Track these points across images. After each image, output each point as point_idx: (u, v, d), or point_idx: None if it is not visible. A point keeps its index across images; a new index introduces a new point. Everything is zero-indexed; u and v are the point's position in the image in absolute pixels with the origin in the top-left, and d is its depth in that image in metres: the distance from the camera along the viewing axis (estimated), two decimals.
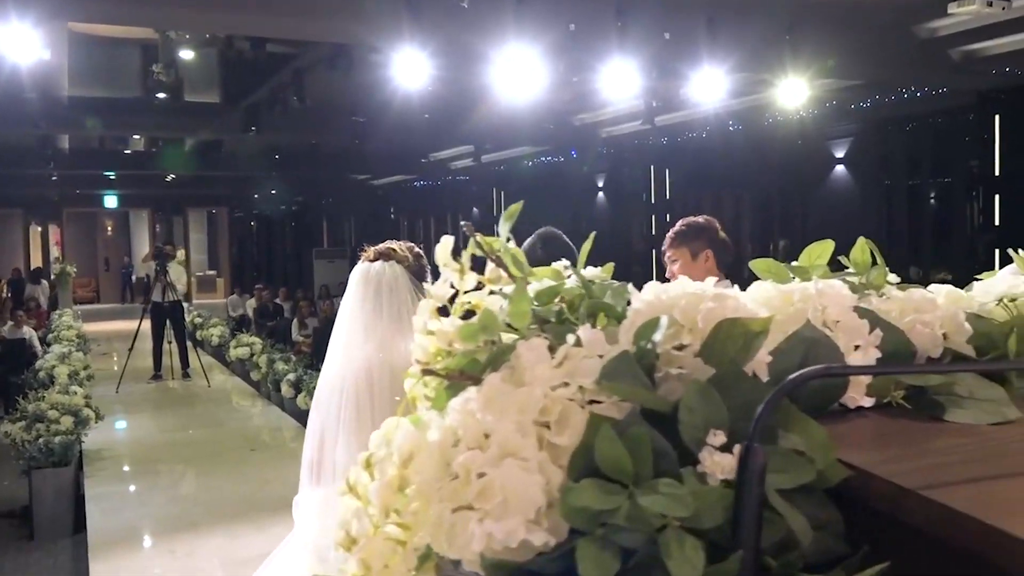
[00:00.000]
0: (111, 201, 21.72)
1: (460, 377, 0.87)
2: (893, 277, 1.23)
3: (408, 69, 6.14)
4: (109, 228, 25.81)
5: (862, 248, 1.20)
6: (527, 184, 17.25)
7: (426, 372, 0.85)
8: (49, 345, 12.38)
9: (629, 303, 0.96)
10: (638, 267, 14.61)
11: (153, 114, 11.50)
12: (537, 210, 16.24)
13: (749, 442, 0.73)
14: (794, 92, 7.39)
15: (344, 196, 21.98)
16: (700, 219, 3.18)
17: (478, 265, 0.95)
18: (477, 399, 0.83)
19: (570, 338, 0.89)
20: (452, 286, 1.00)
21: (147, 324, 11.35)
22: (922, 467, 0.87)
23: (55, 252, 22.16)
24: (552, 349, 0.89)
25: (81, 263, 24.06)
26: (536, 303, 1.02)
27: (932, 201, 10.66)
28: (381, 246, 2.62)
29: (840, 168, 11.28)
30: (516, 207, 0.95)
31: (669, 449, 0.77)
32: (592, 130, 12.73)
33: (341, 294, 2.73)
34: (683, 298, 0.92)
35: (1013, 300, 1.20)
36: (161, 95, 10.03)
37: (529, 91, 7.02)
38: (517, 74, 6.35)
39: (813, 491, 0.87)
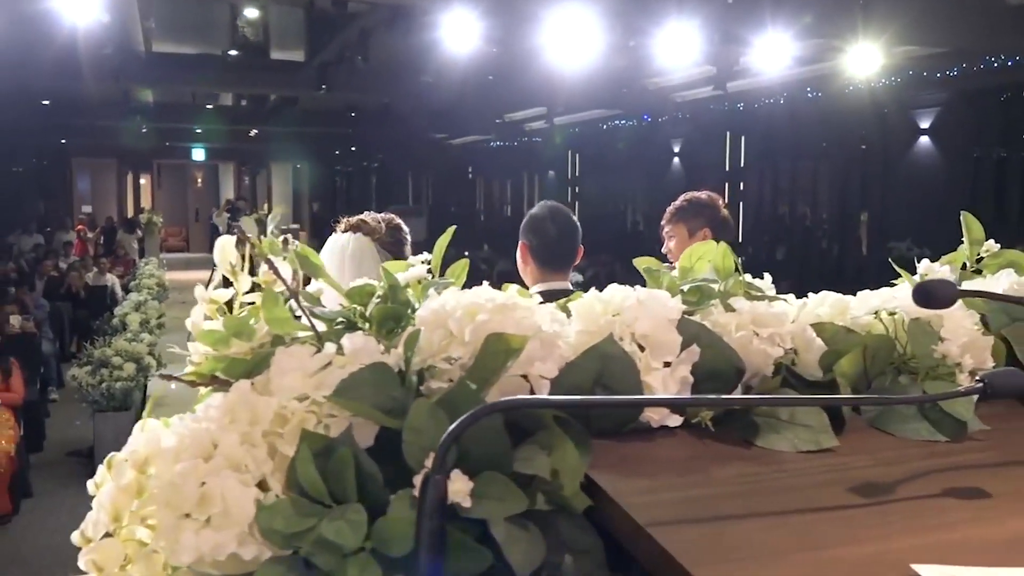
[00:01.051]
0: (199, 154, 22.40)
1: (213, 382, 0.86)
2: (767, 284, 1.16)
3: (459, 30, 6.11)
4: (199, 180, 26.65)
5: (723, 254, 1.13)
6: (602, 148, 17.05)
7: (164, 376, 0.84)
8: (130, 292, 12.92)
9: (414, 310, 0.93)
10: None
11: (235, 70, 11.78)
12: (613, 175, 16.10)
13: (432, 473, 0.70)
14: (867, 59, 7.06)
15: (423, 156, 22.13)
16: (703, 195, 3.04)
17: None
18: (219, 406, 0.82)
19: (329, 347, 0.87)
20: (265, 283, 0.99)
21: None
22: (679, 500, 0.82)
23: (146, 202, 23.03)
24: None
25: (173, 213, 24.99)
26: (349, 303, 1.00)
27: (1021, 174, 10.08)
28: (354, 218, 2.61)
29: (924, 139, 10.76)
30: (279, 210, 0.92)
31: (376, 472, 0.75)
32: (665, 95, 12.45)
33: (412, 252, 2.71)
34: (459, 308, 0.88)
35: (892, 314, 1.11)
36: (243, 52, 10.24)
37: (592, 54, 6.89)
38: (575, 36, 6.26)
39: (574, 516, 0.83)
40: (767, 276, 1.18)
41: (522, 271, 2.77)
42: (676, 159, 15.49)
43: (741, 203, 14.25)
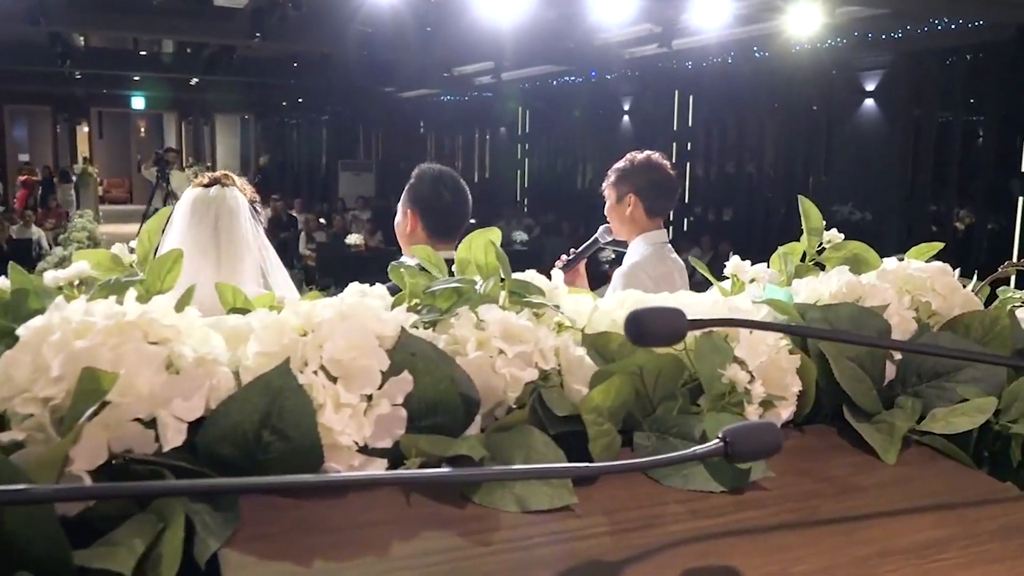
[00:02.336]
0: (138, 103, 21.56)
1: None
2: (550, 282, 0.96)
3: None
4: (142, 130, 25.80)
5: (485, 248, 0.92)
6: (552, 105, 16.74)
7: None
8: (61, 246, 12.44)
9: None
10: None
11: (165, 16, 11.23)
12: (563, 132, 15.89)
13: None
14: (808, 19, 6.87)
15: (373, 109, 21.61)
16: (639, 156, 2.80)
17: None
18: None
19: None
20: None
21: None
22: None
23: (85, 151, 22.20)
24: None
25: (114, 164, 24.17)
26: None
27: (962, 138, 10.04)
28: (216, 172, 2.35)
29: (869, 101, 10.66)
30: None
31: None
32: (613, 51, 12.16)
33: (357, 207, 2.45)
34: (65, 328, 0.67)
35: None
36: None
37: (530, 5, 6.62)
38: None
39: None
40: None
41: (406, 240, 2.55)
42: (626, 117, 15.25)
43: (689, 163, 14.10)
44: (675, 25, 8.84)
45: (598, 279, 3.10)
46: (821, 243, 1.13)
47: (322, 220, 14.34)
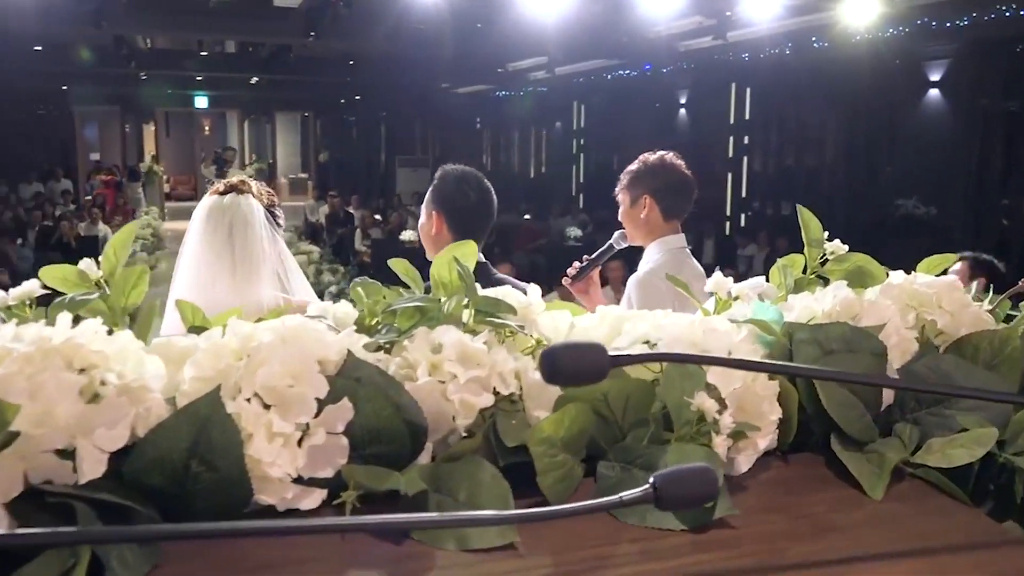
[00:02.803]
0: (201, 102, 22.02)
1: None
2: (526, 296, 0.92)
3: None
4: (206, 128, 26.39)
5: (448, 265, 0.88)
6: (607, 99, 16.57)
7: None
8: None
9: None
10: (715, 190, 13.97)
11: (224, 16, 11.43)
12: (618, 126, 15.70)
13: None
14: (864, 8, 6.66)
15: (430, 105, 21.72)
16: (652, 157, 2.73)
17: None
18: None
19: None
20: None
21: None
22: None
23: (151, 151, 22.77)
24: None
25: (180, 162, 24.76)
26: None
27: None
28: (233, 179, 2.35)
29: (934, 92, 10.30)
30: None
31: None
32: (667, 44, 11.98)
33: (413, 203, 2.46)
34: None
35: (651, 344, 0.86)
36: None
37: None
38: None
39: None
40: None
41: (431, 242, 2.52)
42: (682, 110, 15.03)
43: (746, 157, 13.84)
44: (728, 16, 8.65)
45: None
46: (824, 254, 1.06)
47: (377, 216, 14.45)
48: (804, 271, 1.07)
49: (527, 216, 15.56)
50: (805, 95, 11.99)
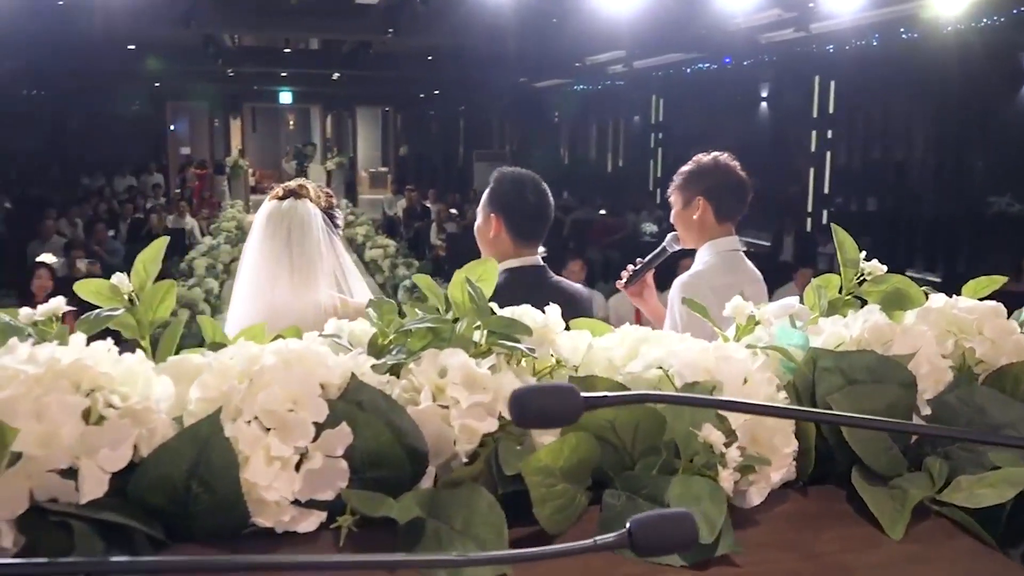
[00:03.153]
0: (286, 97, 22.56)
1: None
2: (543, 315, 0.91)
3: None
4: (291, 123, 27.04)
5: (461, 285, 0.88)
6: (686, 92, 16.33)
7: None
8: (210, 235, 13.20)
9: None
10: (796, 187, 13.63)
11: (305, 14, 11.69)
12: (697, 120, 15.41)
13: None
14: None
15: (507, 100, 21.78)
16: (706, 158, 2.66)
17: None
18: None
19: None
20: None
21: None
22: None
23: (237, 145, 23.45)
24: None
25: (266, 156, 25.46)
26: None
27: None
28: (292, 183, 2.40)
29: None
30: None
31: None
32: (749, 36, 11.72)
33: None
34: None
35: (664, 370, 0.84)
36: None
37: None
38: None
39: None
40: None
41: (489, 245, 2.51)
42: (763, 104, 14.71)
43: (829, 151, 13.45)
44: (811, 8, 8.42)
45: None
46: (861, 274, 1.02)
47: (453, 210, 14.56)
48: (840, 291, 1.03)
49: (603, 211, 15.44)
50: (892, 88, 11.59)
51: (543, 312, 0.92)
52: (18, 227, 11.70)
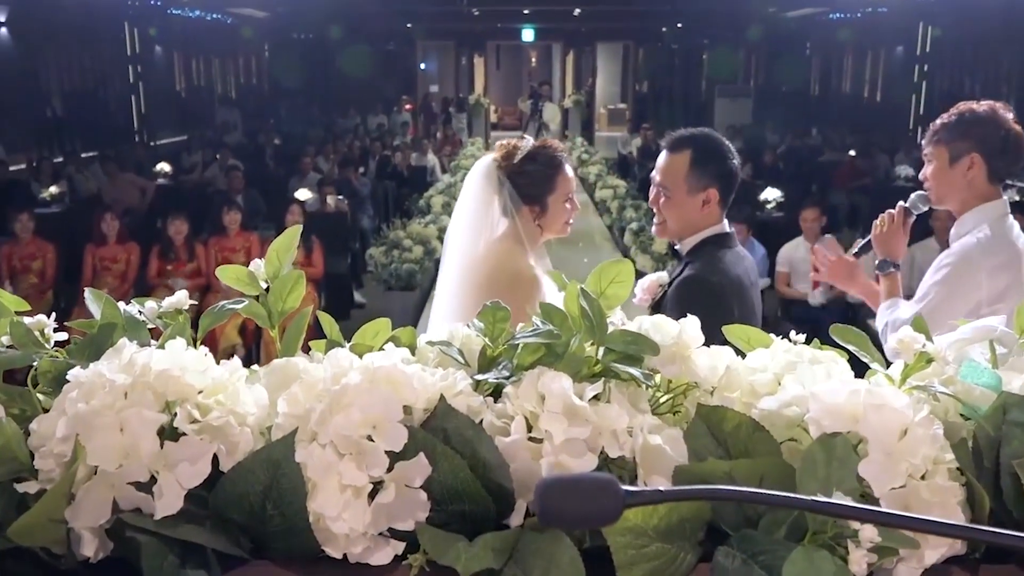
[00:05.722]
0: (527, 35, 22.74)
1: None
2: (669, 324, 0.81)
3: None
4: (533, 60, 27.34)
5: (573, 298, 0.79)
6: (961, 19, 14.59)
7: None
8: (449, 173, 13.70)
9: None
10: None
11: None
12: (972, 49, 13.95)
13: None
14: None
15: (755, 32, 20.60)
16: (980, 107, 2.28)
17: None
18: None
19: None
20: None
21: None
22: None
23: (481, 83, 24.07)
24: None
25: (509, 93, 25.98)
26: None
27: None
28: (509, 142, 2.36)
29: None
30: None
31: None
32: None
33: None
34: (92, 391, 0.68)
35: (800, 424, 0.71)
36: None
37: None
38: None
39: None
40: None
41: (692, 218, 2.29)
42: None
43: None
44: None
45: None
46: None
47: None
48: None
49: (852, 152, 14.30)
50: None
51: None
52: (283, 163, 12.73)
